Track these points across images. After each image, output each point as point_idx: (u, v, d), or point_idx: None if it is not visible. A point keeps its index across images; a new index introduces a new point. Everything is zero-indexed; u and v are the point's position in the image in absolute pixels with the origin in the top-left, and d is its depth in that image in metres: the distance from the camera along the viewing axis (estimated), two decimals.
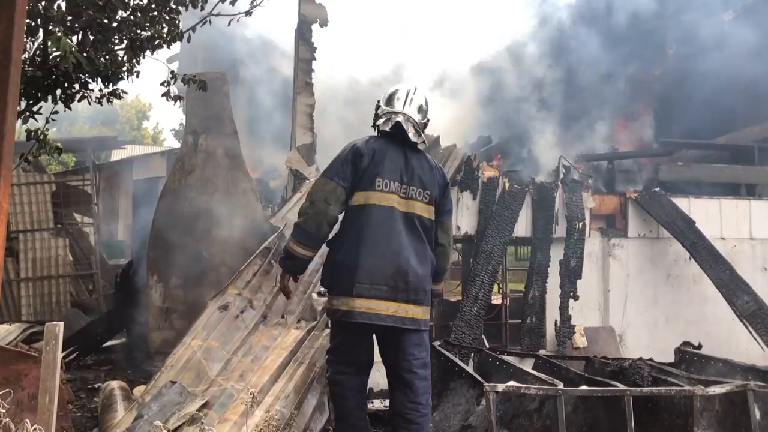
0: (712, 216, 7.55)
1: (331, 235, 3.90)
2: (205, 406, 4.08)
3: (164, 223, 6.88)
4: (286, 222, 5.96)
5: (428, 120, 4.04)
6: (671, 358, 6.12)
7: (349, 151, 3.82)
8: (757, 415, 4.65)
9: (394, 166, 3.84)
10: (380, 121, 3.92)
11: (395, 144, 3.90)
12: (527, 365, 5.59)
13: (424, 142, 3.97)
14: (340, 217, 3.85)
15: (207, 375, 4.40)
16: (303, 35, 6.21)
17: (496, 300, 7.49)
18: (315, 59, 6.22)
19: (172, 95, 4.86)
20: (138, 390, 5.58)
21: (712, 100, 9.96)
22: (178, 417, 3.90)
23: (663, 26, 8.99)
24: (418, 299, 3.79)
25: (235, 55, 7.71)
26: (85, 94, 4.30)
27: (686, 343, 6.24)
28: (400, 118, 3.87)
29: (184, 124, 7.69)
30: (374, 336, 4.00)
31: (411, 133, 3.88)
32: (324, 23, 6.27)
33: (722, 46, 8.62)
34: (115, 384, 5.25)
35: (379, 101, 4.01)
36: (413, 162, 3.91)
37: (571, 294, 6.85)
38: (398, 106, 3.92)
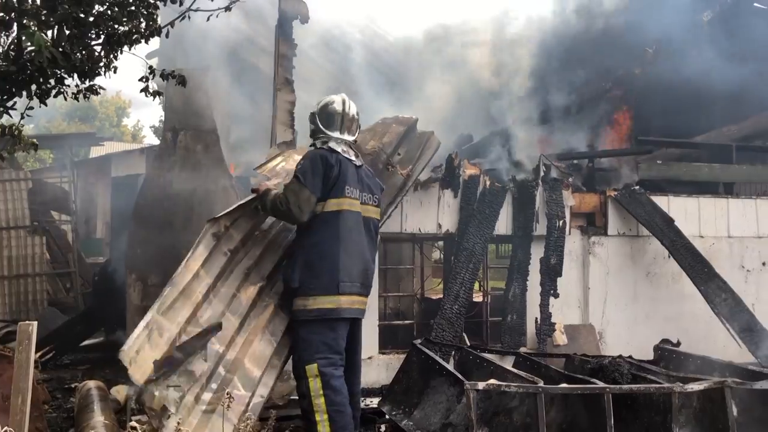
0: (691, 214, 7.61)
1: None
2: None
3: (143, 220, 6.80)
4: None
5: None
6: (650, 356, 6.17)
7: (321, 164, 4.19)
8: (735, 411, 4.71)
9: (354, 176, 4.31)
10: (327, 145, 4.31)
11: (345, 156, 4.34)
12: (508, 363, 5.61)
13: (361, 161, 4.47)
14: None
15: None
16: (283, 31, 6.17)
17: (478, 298, 7.50)
18: (295, 55, 6.19)
19: (151, 90, 4.79)
20: (116, 389, 5.51)
21: (691, 99, 10.06)
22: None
23: (642, 25, 9.03)
24: (369, 293, 4.42)
25: (215, 51, 7.63)
26: (61, 90, 4.22)
27: (665, 341, 6.30)
28: (342, 146, 4.33)
29: (163, 120, 7.61)
30: None
31: (352, 156, 4.36)
32: (305, 19, 6.23)
33: (700, 46, 8.69)
34: (92, 384, 5.18)
35: (314, 118, 4.40)
36: (361, 172, 4.41)
37: (552, 292, 6.88)
38: (336, 131, 4.36)
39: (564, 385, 4.69)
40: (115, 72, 4.62)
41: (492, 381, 4.51)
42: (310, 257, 4.13)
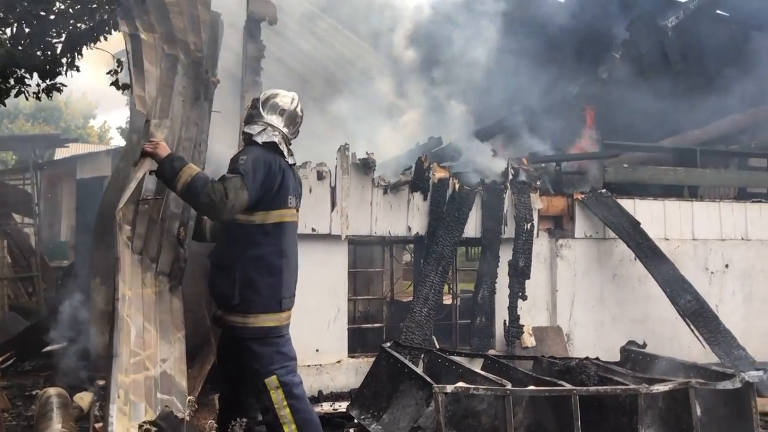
0: (657, 217, 7.72)
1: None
2: None
3: (107, 223, 6.67)
4: None
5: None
6: (617, 357, 6.24)
7: (269, 172, 3.89)
8: (698, 411, 4.78)
9: (292, 182, 4.09)
10: (263, 137, 3.99)
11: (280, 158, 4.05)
12: (476, 365, 5.61)
13: (293, 159, 4.16)
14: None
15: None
16: (251, 33, 6.12)
17: (448, 300, 7.51)
18: (263, 57, 6.14)
19: (120, 84, 4.76)
20: (79, 396, 5.40)
21: (656, 103, 10.22)
22: None
23: (609, 30, 9.16)
24: None
25: None
26: (22, 90, 4.13)
27: (631, 342, 6.37)
28: (276, 139, 4.00)
29: (129, 121, 7.50)
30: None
31: (285, 152, 4.04)
32: (273, 21, 6.19)
33: (664, 51, 8.83)
34: (52, 391, 5.06)
35: (258, 101, 4.10)
36: (294, 174, 4.17)
37: (520, 294, 6.91)
38: (276, 120, 4.06)
39: (532, 387, 4.71)
40: (78, 71, 4.55)
41: (460, 384, 4.52)
42: (250, 273, 3.86)
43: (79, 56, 4.46)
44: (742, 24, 11.10)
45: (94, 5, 4.07)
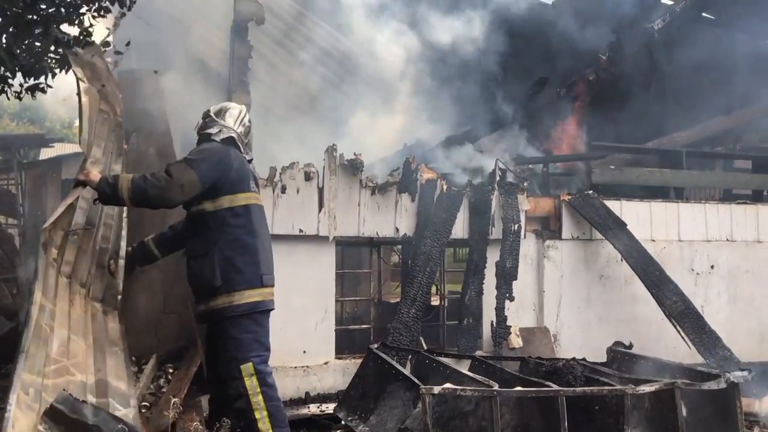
0: (643, 218, 7.75)
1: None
2: None
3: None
4: None
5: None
6: (604, 358, 6.26)
7: (223, 157, 4.19)
8: (684, 411, 4.80)
9: (249, 170, 4.42)
10: (221, 135, 4.36)
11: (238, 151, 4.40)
12: (464, 366, 5.62)
13: (251, 155, 4.56)
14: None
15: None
16: (239, 33, 6.09)
17: (435, 301, 7.51)
18: (251, 57, 6.11)
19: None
20: None
21: (643, 105, 10.29)
22: None
23: (596, 33, 9.20)
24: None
25: (170, 52, 7.51)
26: (4, 89, 4.08)
27: (618, 343, 6.40)
28: (233, 134, 4.39)
29: None
30: None
31: (242, 148, 4.42)
32: (260, 21, 6.16)
33: (651, 54, 8.89)
34: None
35: (210, 112, 4.51)
36: (251, 166, 4.52)
37: (507, 295, 6.91)
38: (231, 122, 4.45)
39: (519, 388, 4.72)
40: (66, 72, 4.52)
41: (448, 385, 4.51)
42: (228, 253, 4.07)
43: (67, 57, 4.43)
44: (728, 27, 11.19)
45: (82, 10, 4.04)
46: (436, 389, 4.33)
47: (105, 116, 5.46)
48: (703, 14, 10.76)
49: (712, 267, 8.02)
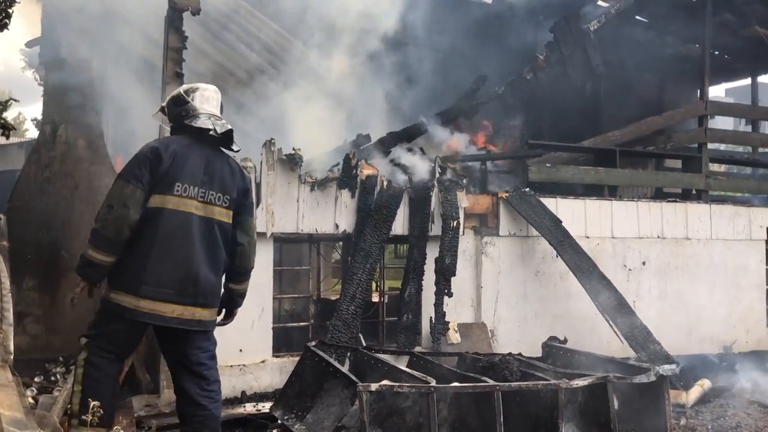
0: (578, 215, 7.91)
1: None
2: None
3: (17, 219, 6.36)
4: None
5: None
6: (540, 353, 6.36)
7: (147, 152, 3.81)
8: (616, 404, 4.92)
9: (195, 170, 3.88)
10: (187, 120, 3.94)
11: (197, 145, 3.93)
12: (402, 363, 5.62)
13: (232, 137, 4.03)
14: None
15: None
16: (173, 23, 5.91)
17: (376, 298, 7.49)
18: (185, 48, 5.94)
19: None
20: None
21: (578, 104, 10.51)
22: None
23: (534, 32, 9.34)
24: (206, 303, 3.92)
25: (103, 41, 7.25)
26: None
27: (553, 338, 6.51)
28: (204, 118, 3.93)
29: (42, 113, 7.17)
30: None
31: (219, 129, 3.93)
32: (196, 11, 5.99)
33: (586, 53, 9.07)
34: None
35: (179, 95, 4.04)
36: (215, 165, 3.97)
37: (446, 291, 6.95)
38: (201, 103, 4.00)
39: (455, 383, 4.74)
40: None
41: (385, 382, 4.50)
42: (124, 254, 3.78)
43: None
44: (660, 30, 11.54)
45: None
46: (373, 386, 4.31)
47: None
48: (637, 17, 11.05)
49: (643, 263, 8.26)
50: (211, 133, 3.92)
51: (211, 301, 3.96)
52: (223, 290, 4.14)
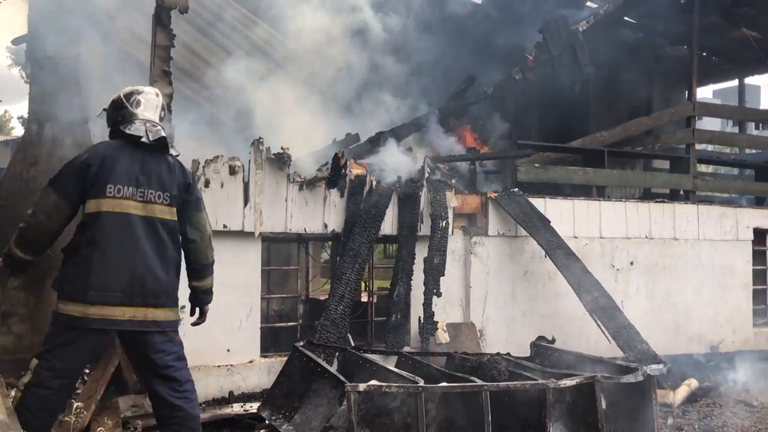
0: (566, 215, 7.93)
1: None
2: None
3: (2, 217, 6.29)
4: None
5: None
6: (528, 352, 6.37)
7: (74, 162, 3.84)
8: (603, 404, 4.93)
9: (128, 170, 3.85)
10: (122, 126, 3.93)
11: (131, 147, 3.91)
12: (391, 363, 5.62)
13: (167, 144, 3.99)
14: (66, 227, 3.88)
15: None
16: (161, 21, 5.87)
17: (365, 298, 7.47)
18: (173, 46, 5.90)
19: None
20: None
21: (567, 105, 10.53)
22: None
23: (523, 33, 9.35)
24: (158, 302, 3.86)
25: (90, 40, 7.20)
26: None
27: (541, 338, 6.52)
28: (138, 124, 3.92)
29: (28, 110, 7.10)
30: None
31: (151, 136, 3.90)
32: (184, 9, 5.95)
33: (574, 54, 9.09)
34: None
35: (119, 99, 4.02)
36: (151, 165, 3.93)
37: (435, 291, 6.94)
38: (139, 108, 3.99)
39: (444, 383, 4.73)
40: None
41: (373, 382, 4.48)
42: (67, 263, 3.79)
43: None
44: (648, 31, 11.60)
45: None
46: (361, 386, 4.29)
47: None
48: (626, 18, 11.10)
49: (631, 263, 8.29)
50: (143, 140, 3.88)
51: (164, 301, 3.90)
52: (189, 290, 4.17)
